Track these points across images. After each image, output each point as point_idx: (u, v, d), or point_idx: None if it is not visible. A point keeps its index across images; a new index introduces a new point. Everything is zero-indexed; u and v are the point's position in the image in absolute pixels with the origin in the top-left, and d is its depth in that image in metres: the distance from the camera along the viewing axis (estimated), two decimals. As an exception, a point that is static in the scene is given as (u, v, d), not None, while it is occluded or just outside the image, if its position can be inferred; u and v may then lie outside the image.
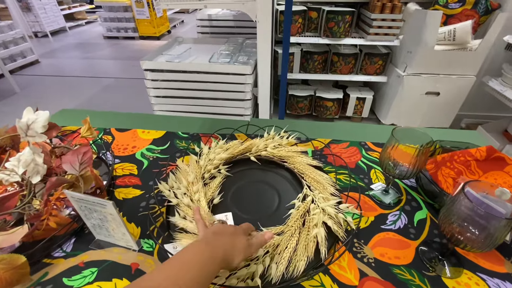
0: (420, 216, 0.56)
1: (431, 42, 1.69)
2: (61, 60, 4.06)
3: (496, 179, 0.48)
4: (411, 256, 0.49)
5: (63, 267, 0.48)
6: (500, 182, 0.48)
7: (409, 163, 0.51)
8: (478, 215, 0.39)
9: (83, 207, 0.46)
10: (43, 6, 4.91)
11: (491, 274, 0.46)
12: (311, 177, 0.61)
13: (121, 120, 0.92)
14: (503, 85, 1.73)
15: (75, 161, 0.54)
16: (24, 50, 3.62)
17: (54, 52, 4.41)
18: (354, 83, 2.28)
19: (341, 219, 0.51)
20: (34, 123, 0.50)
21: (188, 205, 0.54)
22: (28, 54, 3.70)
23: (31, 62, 3.75)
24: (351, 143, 0.78)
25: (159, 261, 0.48)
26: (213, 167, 0.63)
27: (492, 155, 0.49)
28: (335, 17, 1.79)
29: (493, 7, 1.68)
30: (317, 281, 0.45)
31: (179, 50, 1.89)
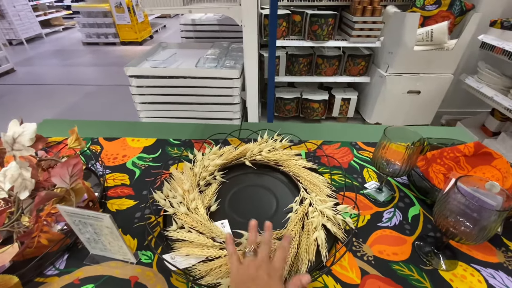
0: (413, 212, 0.58)
1: (410, 43, 1.76)
2: (38, 68, 3.90)
3: (484, 173, 0.51)
4: (408, 251, 0.50)
5: (57, 285, 0.46)
6: (488, 176, 0.51)
7: (401, 161, 0.53)
8: (470, 209, 0.41)
9: (77, 221, 0.44)
10: (18, 13, 4.71)
11: (484, 265, 0.48)
12: (307, 180, 0.61)
13: (109, 128, 0.89)
14: (479, 82, 1.82)
15: (65, 174, 0.52)
16: (-3, 59, 3.46)
17: (30, 60, 4.24)
18: (339, 84, 2.33)
19: (340, 220, 0.52)
20: (21, 136, 0.48)
21: (186, 213, 0.53)
22: (3, 62, 3.54)
23: (6, 71, 3.59)
24: (342, 143, 0.80)
25: (158, 272, 0.47)
26: (208, 174, 0.62)
27: (479, 150, 0.51)
28: (318, 20, 1.82)
29: (468, 8, 1.77)
30: (320, 282, 0.45)
31: (164, 56, 1.86)
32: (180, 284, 0.45)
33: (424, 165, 0.56)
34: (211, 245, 0.48)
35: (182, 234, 0.49)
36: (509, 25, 1.59)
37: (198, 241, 0.48)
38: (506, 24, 1.61)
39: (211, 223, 0.52)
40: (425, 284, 0.45)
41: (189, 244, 0.49)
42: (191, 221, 0.51)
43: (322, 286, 0.44)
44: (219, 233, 0.50)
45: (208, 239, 0.49)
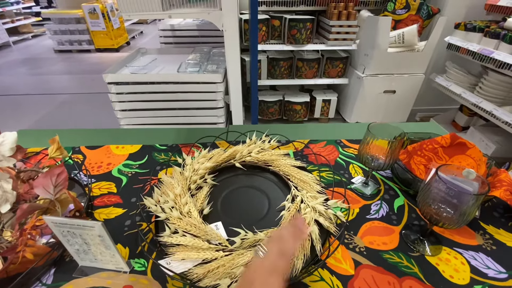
0: (398, 203, 0.60)
1: (384, 45, 1.85)
2: (6, 78, 3.69)
3: (460, 162, 0.55)
4: (396, 240, 0.52)
5: (45, 301, 0.43)
6: (464, 164, 0.54)
7: (385, 155, 0.56)
8: (451, 195, 0.44)
9: (65, 232, 0.42)
10: (-19, 20, 4.44)
11: (466, 248, 0.51)
12: (297, 178, 0.63)
13: (90, 137, 0.86)
14: (447, 80, 1.94)
15: (48, 184, 0.50)
16: (-41, 69, 3.23)
17: (-4, 70, 3.99)
18: (319, 86, 2.40)
19: (331, 214, 0.54)
20: (1, 146, 0.45)
21: (179, 217, 0.52)
22: (-35, 73, 3.31)
23: (-30, 81, 3.35)
24: (328, 141, 0.82)
25: (153, 279, 0.46)
26: (198, 177, 0.62)
27: (455, 141, 0.55)
28: (297, 25, 1.87)
29: (434, 12, 1.89)
30: (316, 276, 0.46)
31: (143, 61, 1.83)
32: (177, 289, 0.45)
33: (406, 158, 0.60)
34: (207, 248, 0.48)
35: (177, 239, 0.49)
36: (472, 27, 1.71)
37: (193, 244, 0.48)
38: (469, 26, 1.74)
39: (205, 226, 0.51)
40: (414, 270, 0.47)
41: (184, 248, 0.48)
42: (184, 225, 0.51)
43: (319, 279, 0.46)
44: (214, 235, 0.50)
45: (203, 241, 0.48)
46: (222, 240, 0.50)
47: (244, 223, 0.54)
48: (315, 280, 0.45)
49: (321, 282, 0.45)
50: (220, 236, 0.50)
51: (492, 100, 1.68)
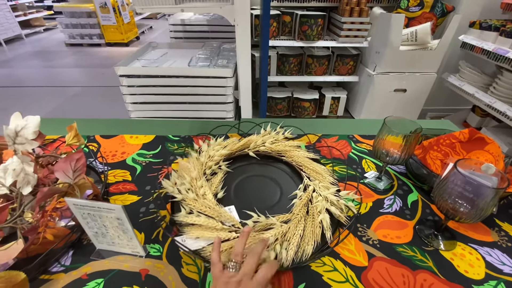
0: (412, 198, 0.60)
1: (396, 43, 1.82)
2: (19, 70, 3.75)
3: (478, 157, 0.54)
4: (410, 234, 0.52)
5: (64, 282, 0.45)
6: (482, 159, 0.54)
7: (400, 150, 0.55)
8: (468, 190, 0.43)
9: (85, 214, 0.43)
10: (-5, 13, 4.52)
11: (481, 244, 0.50)
12: (310, 168, 0.63)
13: (105, 126, 0.88)
14: (460, 80, 1.91)
15: (68, 169, 0.51)
16: (-26, 60, 3.30)
17: (9, 62, 4.07)
18: (328, 84, 2.38)
19: (343, 205, 0.54)
20: (24, 129, 0.46)
21: (195, 199, 0.54)
22: (-20, 64, 3.38)
23: (-16, 73, 3.43)
24: (340, 136, 0.82)
25: (169, 264, 0.47)
26: (213, 163, 0.64)
27: (474, 136, 0.55)
28: (308, 21, 1.86)
29: (448, 10, 1.86)
30: (329, 266, 0.46)
31: (154, 55, 1.85)
32: (192, 274, 0.45)
33: (421, 153, 0.59)
34: (221, 228, 0.50)
35: (192, 219, 0.51)
36: (487, 26, 1.68)
37: (208, 224, 0.50)
38: (484, 25, 1.70)
39: (220, 208, 0.53)
40: (428, 264, 0.47)
41: (198, 227, 0.50)
42: (200, 206, 0.53)
43: (332, 269, 0.46)
44: (228, 216, 0.52)
45: (217, 222, 0.50)
46: (235, 222, 0.51)
47: (256, 209, 0.55)
48: (328, 270, 0.46)
49: (335, 272, 0.45)
50: (233, 218, 0.52)
51: (506, 100, 1.64)
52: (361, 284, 0.44)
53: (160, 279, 0.45)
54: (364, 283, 0.44)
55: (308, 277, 0.45)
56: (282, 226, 0.49)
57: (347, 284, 0.44)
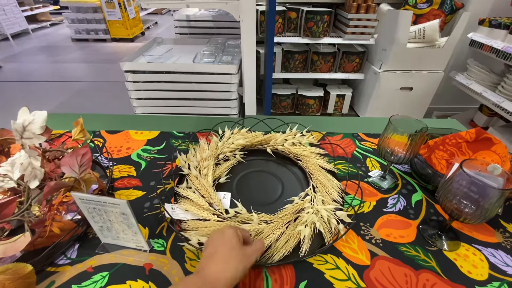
0: (416, 198, 0.60)
1: (403, 40, 1.80)
2: (26, 65, 3.79)
3: (484, 158, 0.53)
4: (413, 234, 0.52)
5: (70, 274, 0.45)
6: (488, 160, 0.53)
7: (405, 149, 0.55)
8: (473, 191, 0.43)
9: (91, 209, 0.44)
10: (2, 7, 4.56)
11: (485, 245, 0.50)
12: (318, 179, 0.61)
13: (110, 122, 0.88)
14: (468, 78, 1.88)
15: (74, 164, 0.52)
16: (-18, 55, 3.35)
17: (16, 56, 4.11)
18: (334, 81, 2.37)
19: (333, 225, 0.50)
20: (31, 124, 0.47)
21: (196, 176, 0.58)
22: (-12, 58, 3.42)
23: (-8, 67, 3.47)
24: (344, 135, 0.82)
25: (172, 259, 0.48)
26: (229, 150, 0.68)
27: (480, 136, 0.54)
28: (314, 17, 1.84)
29: (458, 7, 1.83)
30: (332, 264, 0.46)
31: (159, 51, 1.85)
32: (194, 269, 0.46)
33: (427, 152, 0.59)
34: (206, 208, 0.53)
35: (187, 192, 0.55)
36: (497, 23, 1.65)
37: (198, 201, 0.54)
38: (494, 22, 1.67)
39: (213, 190, 0.57)
40: (431, 263, 0.47)
41: (190, 202, 0.54)
42: (198, 184, 0.57)
43: (334, 267, 0.46)
44: (217, 200, 0.55)
45: (206, 202, 0.54)
46: (221, 207, 0.54)
47: (248, 202, 0.57)
48: (330, 268, 0.46)
49: (337, 270, 0.46)
50: (220, 203, 0.55)
51: (515, 100, 1.62)
52: (363, 282, 0.44)
53: (163, 274, 0.45)
54: (366, 281, 0.44)
55: (310, 274, 0.45)
56: (258, 224, 0.50)
57: (349, 282, 0.44)
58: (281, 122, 0.82)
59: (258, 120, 0.82)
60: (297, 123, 0.80)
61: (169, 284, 0.44)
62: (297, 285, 0.43)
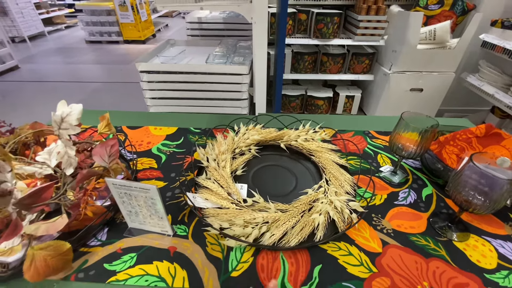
0: (427, 192, 0.62)
1: (414, 41, 1.80)
2: (42, 66, 3.92)
3: (494, 152, 0.55)
4: (424, 226, 0.54)
5: (101, 254, 0.49)
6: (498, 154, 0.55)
7: (416, 144, 0.57)
8: (482, 183, 0.45)
9: (122, 194, 0.48)
10: (20, 10, 4.73)
11: (494, 237, 0.52)
12: (331, 173, 0.64)
13: (130, 118, 0.93)
14: (480, 80, 1.87)
15: (104, 154, 0.56)
16: (2, 56, 3.48)
17: (33, 58, 4.25)
18: (343, 82, 2.38)
19: (346, 214, 0.53)
20: (69, 116, 0.51)
21: (215, 168, 0.62)
22: (7, 59, 3.56)
23: (11, 68, 3.61)
24: (356, 132, 0.84)
25: (195, 243, 0.51)
26: (245, 145, 0.72)
27: (490, 131, 0.56)
28: (324, 19, 1.87)
29: (469, 8, 1.82)
30: (345, 250, 0.49)
31: (173, 52, 1.90)
32: (216, 253, 0.49)
33: (437, 148, 0.61)
34: (225, 197, 0.57)
35: (207, 183, 0.59)
36: (510, 24, 1.64)
37: (217, 191, 0.58)
38: (507, 23, 1.66)
39: (231, 181, 0.60)
40: (441, 252, 0.49)
41: (210, 192, 0.59)
42: (216, 175, 0.61)
43: (347, 254, 0.48)
44: (235, 190, 0.58)
45: (225, 192, 0.57)
46: (239, 197, 0.58)
47: (264, 194, 0.60)
48: (344, 254, 0.48)
49: (350, 256, 0.48)
50: (239, 193, 0.58)
51: (528, 101, 1.60)
52: (375, 267, 0.46)
53: (187, 256, 0.49)
54: (378, 267, 0.46)
55: (325, 259, 0.48)
56: (275, 212, 0.53)
57: (361, 267, 0.46)
58: (294, 119, 0.85)
59: (271, 117, 0.85)
60: (310, 120, 0.83)
61: (192, 266, 0.47)
62: (312, 268, 0.46)
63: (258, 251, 0.49)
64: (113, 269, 0.47)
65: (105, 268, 0.47)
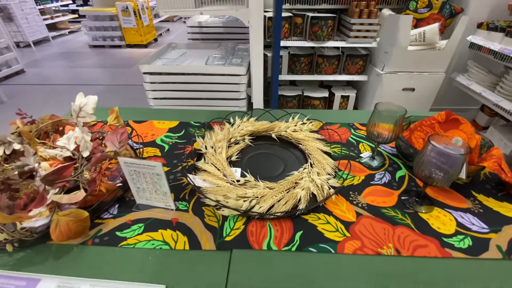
0: (400, 173, 0.69)
1: (404, 43, 1.89)
2: (47, 69, 4.03)
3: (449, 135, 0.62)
4: (394, 201, 0.62)
5: (113, 225, 0.57)
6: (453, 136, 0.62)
7: (389, 131, 0.65)
8: (440, 160, 0.52)
9: (132, 171, 0.56)
10: (25, 16, 4.86)
11: (456, 209, 0.59)
12: (315, 158, 0.72)
13: (136, 114, 1.01)
14: (469, 79, 1.95)
15: (114, 140, 0.64)
16: (9, 60, 3.59)
17: (38, 62, 4.37)
18: (338, 83, 2.47)
19: (326, 190, 0.61)
20: (86, 105, 0.60)
21: (212, 154, 0.71)
22: (13, 63, 3.67)
23: (16, 72, 3.71)
24: (341, 124, 0.92)
25: (194, 215, 0.59)
26: (239, 135, 0.80)
27: (450, 117, 0.63)
28: (318, 22, 1.96)
29: (457, 11, 1.91)
30: (323, 220, 0.57)
31: (174, 55, 1.99)
32: (212, 223, 0.57)
33: (408, 134, 0.68)
34: (221, 178, 0.65)
35: (205, 166, 0.68)
36: (494, 26, 1.72)
37: (213, 172, 0.66)
38: (492, 26, 1.75)
39: (226, 164, 0.69)
40: (407, 221, 0.56)
41: (208, 174, 0.67)
42: (214, 159, 0.70)
43: (325, 222, 0.56)
44: (229, 171, 0.67)
45: (221, 173, 0.66)
46: (233, 177, 0.65)
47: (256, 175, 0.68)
48: (322, 223, 0.56)
49: (327, 224, 0.56)
50: (233, 174, 0.66)
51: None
52: (348, 233, 0.54)
53: (187, 225, 0.56)
54: (351, 233, 0.54)
55: (305, 227, 0.55)
56: (264, 189, 0.60)
57: (336, 233, 0.54)
58: (285, 113, 0.93)
59: (264, 111, 0.93)
60: (299, 113, 0.91)
61: (192, 233, 0.55)
62: (294, 233, 0.54)
63: (248, 220, 0.57)
64: (124, 236, 0.55)
65: (117, 235, 0.55)
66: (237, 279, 0.47)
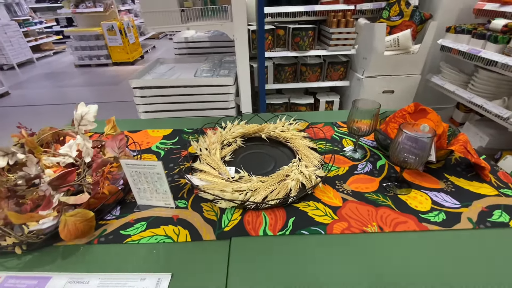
0: (381, 163, 0.76)
1: (380, 49, 2.02)
2: (33, 91, 4.00)
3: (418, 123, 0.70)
4: (376, 186, 0.68)
5: (117, 224, 0.60)
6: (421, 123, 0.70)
7: (367, 124, 0.72)
8: (412, 146, 0.59)
9: (133, 172, 0.60)
10: (9, 39, 4.85)
11: (430, 190, 0.66)
12: (303, 153, 0.78)
13: (130, 124, 1.05)
14: (442, 79, 2.09)
15: (114, 146, 0.68)
16: (-7, 83, 3.56)
17: (23, 84, 4.33)
18: (322, 89, 2.57)
19: (313, 180, 0.67)
20: (87, 114, 0.64)
21: (207, 155, 0.76)
22: (-2, 86, 3.63)
23: (1, 94, 3.68)
24: (325, 123, 0.99)
25: (193, 211, 0.63)
26: (231, 137, 0.85)
27: (418, 108, 0.71)
28: (300, 33, 2.07)
29: (426, 17, 2.07)
30: (313, 207, 0.62)
31: (163, 69, 2.05)
32: (211, 216, 0.61)
33: (384, 127, 0.75)
34: (217, 175, 0.70)
35: (201, 166, 0.72)
36: (461, 29, 1.88)
37: (209, 171, 0.71)
38: (459, 29, 1.90)
39: (221, 163, 0.73)
40: (388, 203, 0.62)
41: (204, 173, 0.71)
42: (209, 160, 0.74)
43: (315, 209, 0.61)
44: (224, 170, 0.71)
45: (216, 172, 0.70)
46: (228, 174, 0.70)
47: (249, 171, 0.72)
48: (312, 209, 0.61)
49: (317, 210, 0.61)
50: (227, 171, 0.71)
51: (483, 95, 1.81)
52: (336, 216, 0.59)
53: (188, 220, 0.60)
54: (339, 216, 0.59)
55: (297, 214, 0.60)
56: (257, 182, 0.65)
57: (325, 217, 0.59)
58: (272, 115, 0.99)
59: (253, 115, 0.99)
60: (285, 115, 0.97)
61: (192, 227, 0.59)
62: (287, 220, 0.59)
63: (244, 211, 0.61)
64: (128, 233, 0.58)
65: (121, 234, 0.58)
66: (238, 263, 0.51)
